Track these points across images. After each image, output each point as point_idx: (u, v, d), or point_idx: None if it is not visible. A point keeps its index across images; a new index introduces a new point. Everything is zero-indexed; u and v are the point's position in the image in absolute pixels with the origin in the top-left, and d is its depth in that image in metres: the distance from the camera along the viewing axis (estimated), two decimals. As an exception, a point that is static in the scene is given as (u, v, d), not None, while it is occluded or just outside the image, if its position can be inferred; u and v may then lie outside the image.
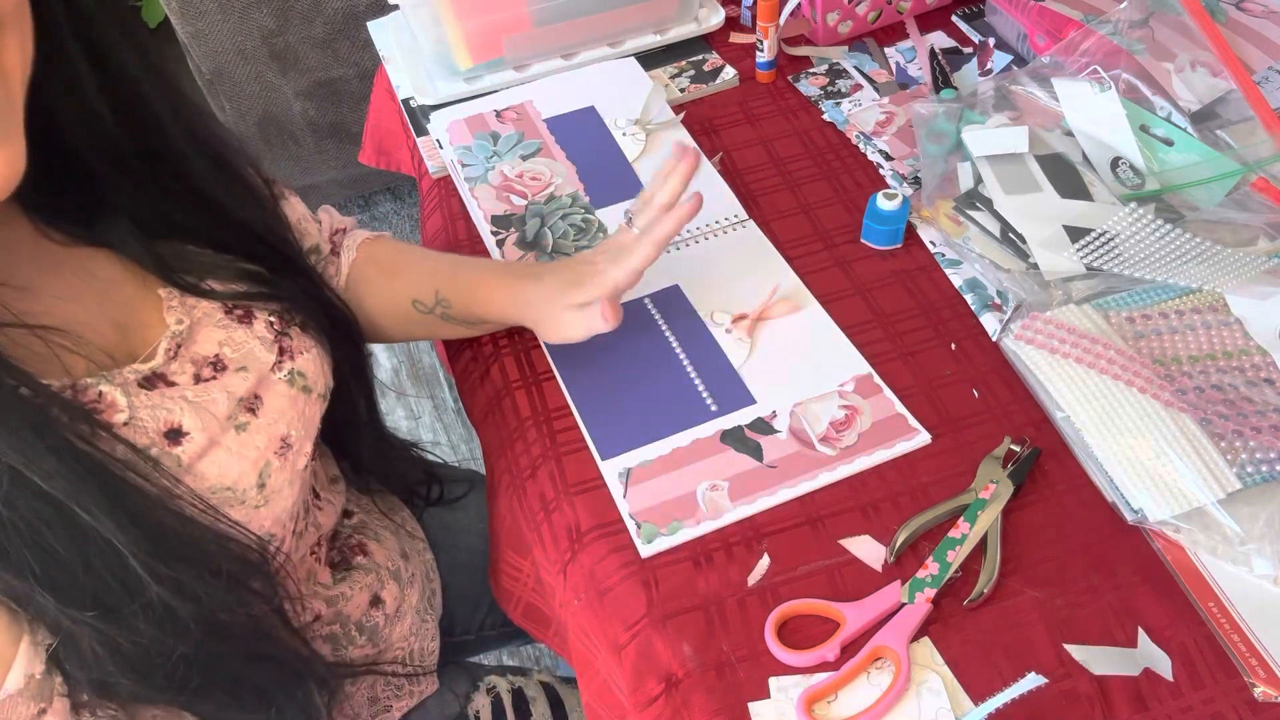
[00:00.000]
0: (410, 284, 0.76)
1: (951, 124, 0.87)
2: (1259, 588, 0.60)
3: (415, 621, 0.80)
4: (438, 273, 0.75)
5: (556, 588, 0.68)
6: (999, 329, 0.74)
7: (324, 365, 0.65)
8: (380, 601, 0.75)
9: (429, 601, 0.84)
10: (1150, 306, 0.73)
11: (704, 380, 0.73)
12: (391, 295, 0.77)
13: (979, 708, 0.54)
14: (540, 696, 0.83)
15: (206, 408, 0.55)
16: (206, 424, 0.54)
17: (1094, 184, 0.81)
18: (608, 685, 0.65)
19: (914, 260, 0.81)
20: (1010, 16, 0.98)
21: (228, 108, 1.80)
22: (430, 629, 0.83)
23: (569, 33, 1.00)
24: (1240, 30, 0.92)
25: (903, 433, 0.69)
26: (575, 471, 0.69)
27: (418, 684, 0.80)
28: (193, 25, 1.66)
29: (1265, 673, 0.56)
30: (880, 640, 0.58)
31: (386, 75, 1.06)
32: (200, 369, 0.56)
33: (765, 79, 1.01)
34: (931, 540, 0.63)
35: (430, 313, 0.75)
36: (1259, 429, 0.64)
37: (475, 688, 0.83)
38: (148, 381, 0.54)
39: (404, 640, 0.78)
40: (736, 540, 0.64)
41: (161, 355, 0.55)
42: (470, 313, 0.74)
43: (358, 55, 1.78)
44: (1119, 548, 0.62)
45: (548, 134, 0.94)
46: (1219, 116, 0.85)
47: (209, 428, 0.55)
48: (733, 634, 0.60)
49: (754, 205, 0.87)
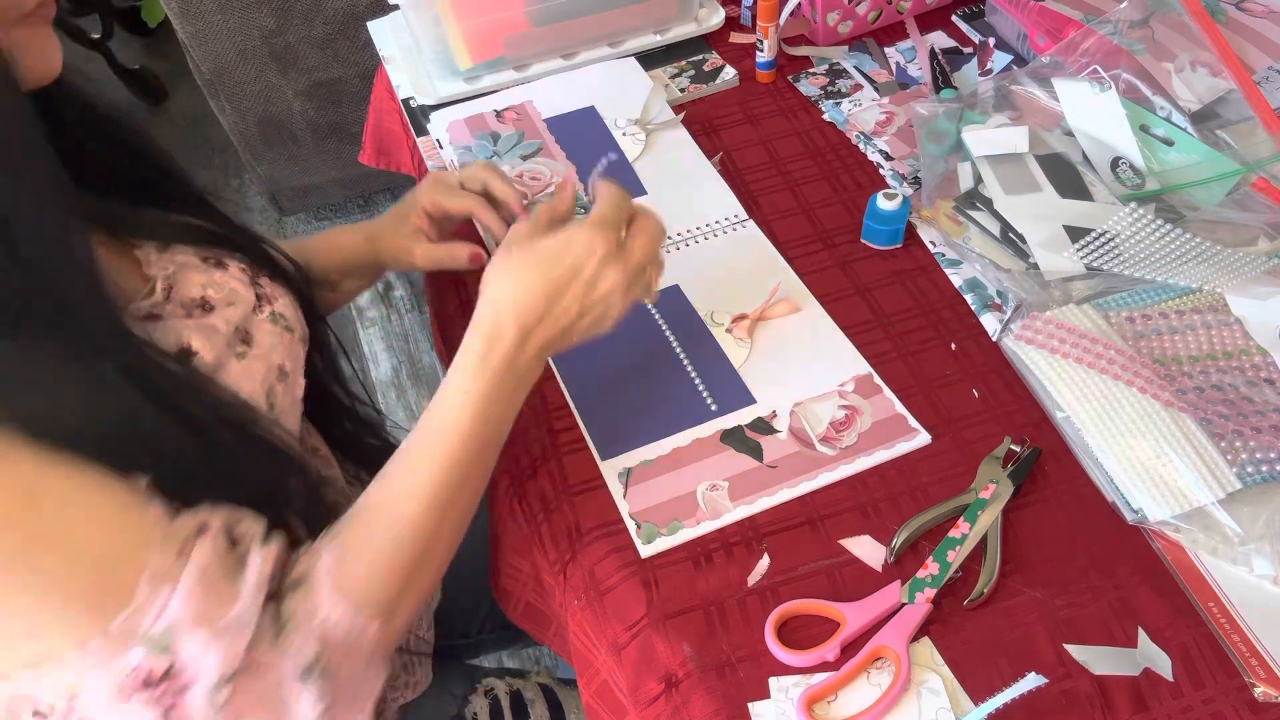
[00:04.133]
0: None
1: (951, 124, 0.87)
2: (1259, 588, 0.60)
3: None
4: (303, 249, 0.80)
5: (556, 588, 0.68)
6: (999, 329, 0.74)
7: (298, 311, 0.67)
8: None
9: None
10: (1150, 306, 0.73)
11: (704, 380, 0.73)
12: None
13: (979, 708, 0.54)
14: (539, 699, 0.83)
15: (209, 333, 0.58)
16: (214, 344, 0.57)
17: (1094, 184, 0.81)
18: (608, 685, 0.65)
19: (914, 260, 0.81)
20: (1010, 16, 0.98)
21: (228, 108, 1.80)
22: (425, 620, 0.83)
23: (569, 32, 1.00)
24: (1240, 30, 0.92)
25: (903, 433, 0.69)
26: (575, 471, 0.69)
27: (413, 674, 0.79)
28: (193, 25, 1.66)
29: (1265, 673, 0.56)
30: (880, 640, 0.58)
31: (386, 75, 1.06)
32: (190, 311, 0.59)
33: (765, 79, 1.01)
34: (931, 540, 0.63)
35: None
36: (1259, 429, 0.64)
37: (473, 689, 0.82)
38: (150, 319, 0.57)
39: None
40: (736, 540, 0.64)
41: (160, 293, 0.58)
42: (326, 266, 0.80)
43: (358, 55, 1.78)
44: (1119, 548, 0.62)
45: (548, 134, 0.94)
46: (1219, 116, 0.85)
47: (215, 348, 0.57)
48: (733, 634, 0.60)
49: (754, 205, 0.87)
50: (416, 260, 0.79)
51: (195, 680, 0.47)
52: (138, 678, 0.46)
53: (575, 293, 0.59)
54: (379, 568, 0.55)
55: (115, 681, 0.46)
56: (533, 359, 0.60)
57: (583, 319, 0.61)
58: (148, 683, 0.46)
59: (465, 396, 0.58)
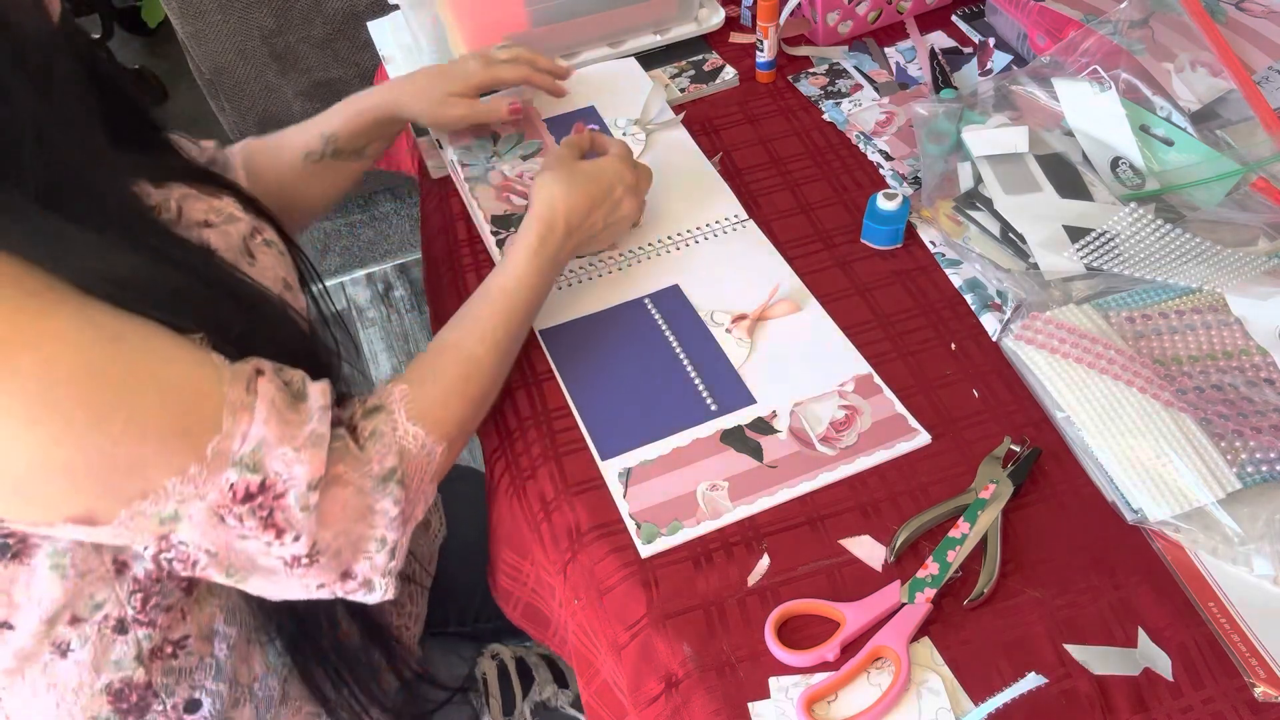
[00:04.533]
0: (297, 144, 0.86)
1: (951, 124, 0.87)
2: (1259, 588, 0.60)
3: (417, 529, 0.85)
4: (314, 122, 0.87)
5: (556, 588, 0.68)
6: (999, 329, 0.75)
7: (282, 243, 0.72)
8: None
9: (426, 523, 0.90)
10: (1150, 306, 0.73)
11: (704, 380, 0.73)
12: (287, 163, 0.86)
13: (979, 708, 0.54)
14: (542, 665, 0.86)
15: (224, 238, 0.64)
16: (230, 244, 0.64)
17: (1094, 184, 0.81)
18: (608, 685, 0.65)
19: (914, 260, 0.81)
20: (1010, 16, 0.98)
21: (228, 108, 1.80)
22: (430, 555, 0.88)
23: (569, 32, 1.00)
24: (1240, 30, 0.92)
25: (903, 433, 0.69)
26: (575, 471, 0.69)
27: (416, 604, 0.83)
28: (193, 25, 1.66)
29: (1265, 673, 0.56)
30: (880, 640, 0.58)
31: (386, 75, 1.06)
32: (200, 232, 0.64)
33: (765, 79, 1.01)
34: (931, 540, 0.63)
35: (323, 156, 0.86)
36: (1259, 429, 0.64)
37: (480, 653, 0.85)
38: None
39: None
40: (736, 540, 0.64)
41: (175, 210, 0.63)
42: (357, 131, 0.86)
43: (358, 55, 1.78)
44: (1119, 548, 0.62)
45: (548, 134, 0.94)
46: (1219, 116, 0.85)
47: (232, 248, 0.64)
48: (733, 634, 0.60)
49: (754, 205, 0.87)
50: (453, 116, 0.87)
51: (288, 489, 0.54)
52: (236, 495, 0.53)
53: (604, 210, 0.76)
54: (452, 395, 0.65)
55: (213, 504, 0.52)
56: (568, 253, 0.76)
57: (603, 232, 0.78)
58: (248, 497, 0.53)
59: (524, 268, 0.71)
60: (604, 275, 0.82)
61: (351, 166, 0.89)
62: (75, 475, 0.49)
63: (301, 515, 0.55)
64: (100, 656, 0.59)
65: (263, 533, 0.54)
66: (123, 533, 0.52)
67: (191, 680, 0.64)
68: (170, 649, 0.62)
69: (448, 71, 0.87)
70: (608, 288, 0.81)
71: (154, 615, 0.60)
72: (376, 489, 0.59)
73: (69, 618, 0.57)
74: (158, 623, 0.60)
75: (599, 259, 0.83)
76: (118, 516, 0.51)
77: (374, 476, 0.59)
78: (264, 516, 0.54)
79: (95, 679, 0.60)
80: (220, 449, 0.52)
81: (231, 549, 0.55)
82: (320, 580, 0.58)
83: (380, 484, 0.59)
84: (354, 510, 0.58)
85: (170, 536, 0.53)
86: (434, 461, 0.63)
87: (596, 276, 0.82)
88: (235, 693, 0.67)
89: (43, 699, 0.60)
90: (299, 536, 0.55)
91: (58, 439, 0.48)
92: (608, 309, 0.79)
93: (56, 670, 0.59)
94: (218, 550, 0.54)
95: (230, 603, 0.65)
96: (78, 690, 0.60)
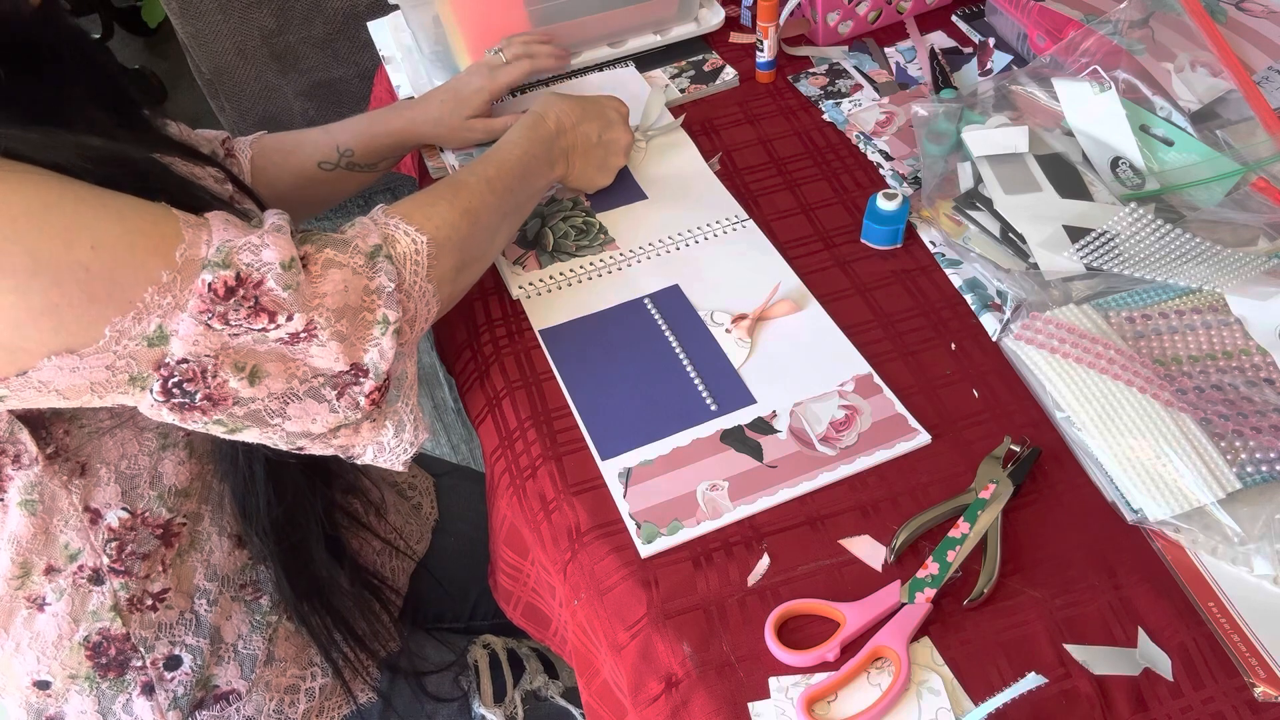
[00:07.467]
0: (310, 152, 0.88)
1: (951, 124, 0.87)
2: (1259, 588, 0.60)
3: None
4: (330, 132, 0.88)
5: (556, 587, 0.68)
6: (999, 329, 0.75)
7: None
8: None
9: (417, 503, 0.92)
10: (1150, 306, 0.73)
11: (704, 380, 0.73)
12: (296, 168, 0.88)
13: (979, 708, 0.54)
14: (533, 656, 0.87)
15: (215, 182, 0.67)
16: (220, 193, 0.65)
17: (1094, 184, 0.81)
18: (608, 685, 0.65)
19: (914, 260, 0.81)
20: (1010, 16, 0.98)
21: (228, 108, 1.80)
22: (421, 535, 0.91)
23: (569, 32, 1.00)
24: (1240, 30, 0.92)
25: (903, 433, 0.69)
26: (575, 471, 0.69)
27: (398, 580, 0.85)
28: (193, 25, 1.66)
29: (1265, 673, 0.56)
30: (880, 640, 0.58)
31: (386, 75, 1.06)
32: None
33: (765, 79, 1.01)
34: (931, 540, 0.63)
35: (336, 167, 0.88)
36: (1259, 429, 0.64)
37: (471, 643, 0.86)
38: None
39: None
40: (736, 540, 0.64)
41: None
42: (373, 150, 0.89)
43: (358, 55, 1.78)
44: (1119, 548, 0.62)
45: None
46: (1219, 116, 0.85)
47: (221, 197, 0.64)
48: (733, 634, 0.60)
49: (754, 205, 0.87)
50: (474, 140, 0.92)
51: (265, 275, 0.55)
52: (217, 293, 0.53)
53: (597, 125, 0.84)
54: (438, 200, 0.67)
55: (195, 312, 0.53)
56: (560, 151, 0.82)
57: (595, 149, 0.84)
58: (228, 293, 0.54)
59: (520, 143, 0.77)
60: (604, 275, 0.82)
61: (361, 178, 0.91)
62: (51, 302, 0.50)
63: (287, 294, 0.55)
64: (78, 607, 0.61)
65: (255, 320, 0.55)
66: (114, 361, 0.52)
67: (171, 635, 0.65)
68: (150, 601, 0.63)
69: (459, 94, 0.90)
70: (608, 288, 0.81)
71: (130, 564, 0.62)
72: (368, 266, 0.60)
73: (44, 567, 0.59)
74: (134, 571, 0.62)
75: (599, 259, 0.83)
76: (101, 337, 0.51)
77: (363, 252, 0.60)
78: (250, 305, 0.54)
79: (74, 630, 0.62)
80: (189, 256, 0.53)
81: (231, 347, 0.55)
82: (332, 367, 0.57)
83: (370, 260, 0.60)
84: (353, 290, 0.59)
85: (168, 361, 0.53)
86: (423, 253, 0.63)
87: (596, 276, 0.82)
88: (217, 650, 0.68)
89: (25, 654, 0.62)
90: (291, 315, 0.56)
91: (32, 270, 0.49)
92: (608, 309, 0.79)
93: (35, 623, 0.61)
94: (217, 352, 0.54)
95: (213, 558, 0.66)
96: (57, 644, 0.62)
